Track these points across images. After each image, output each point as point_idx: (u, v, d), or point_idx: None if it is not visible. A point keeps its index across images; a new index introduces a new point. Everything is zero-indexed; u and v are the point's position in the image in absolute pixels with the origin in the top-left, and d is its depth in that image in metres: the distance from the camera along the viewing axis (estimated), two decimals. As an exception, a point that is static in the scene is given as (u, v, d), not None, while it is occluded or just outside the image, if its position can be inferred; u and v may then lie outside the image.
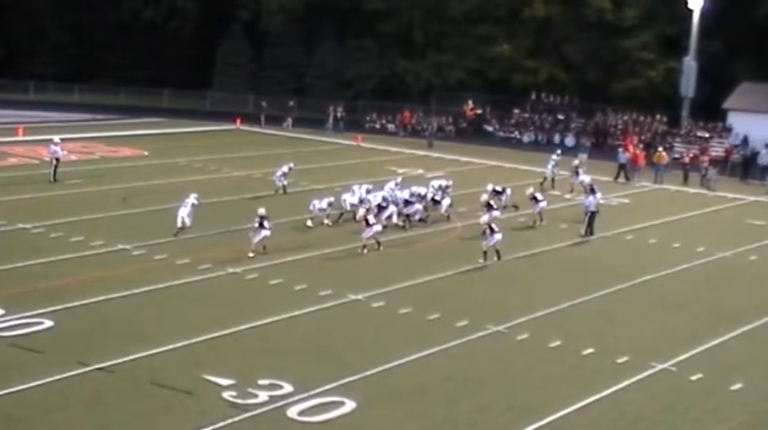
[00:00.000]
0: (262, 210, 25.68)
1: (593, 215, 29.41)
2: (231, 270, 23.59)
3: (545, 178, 37.38)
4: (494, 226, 25.60)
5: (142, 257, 24.47)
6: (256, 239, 25.07)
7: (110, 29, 62.68)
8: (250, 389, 16.34)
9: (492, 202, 29.67)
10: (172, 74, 59.83)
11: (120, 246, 25.28)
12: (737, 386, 17.76)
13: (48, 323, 19.16)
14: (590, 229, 29.36)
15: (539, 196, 31.02)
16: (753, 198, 38.58)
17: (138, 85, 58.43)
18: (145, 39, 62.31)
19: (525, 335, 19.94)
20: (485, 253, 25.43)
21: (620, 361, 18.69)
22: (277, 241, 26.73)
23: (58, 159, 34.43)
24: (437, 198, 30.86)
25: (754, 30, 50.96)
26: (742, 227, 32.69)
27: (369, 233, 26.53)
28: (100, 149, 42.07)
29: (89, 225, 27.46)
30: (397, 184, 31.30)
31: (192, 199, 27.34)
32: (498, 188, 31.87)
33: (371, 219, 26.89)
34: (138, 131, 48.39)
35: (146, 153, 41.79)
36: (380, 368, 17.63)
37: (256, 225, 25.11)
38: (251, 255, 24.75)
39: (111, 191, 32.97)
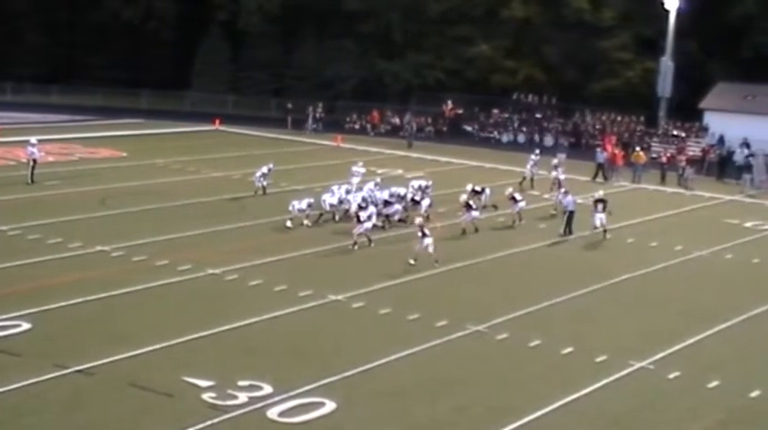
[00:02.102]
0: (419, 220, 25.83)
1: (571, 214, 29.57)
2: (211, 271, 23.53)
3: (524, 178, 37.54)
4: (426, 230, 24.99)
5: (121, 259, 24.36)
6: (419, 247, 24.76)
7: (88, 30, 62.39)
8: (230, 391, 16.32)
9: (471, 203, 29.76)
10: (150, 74, 59.62)
11: (99, 248, 25.16)
12: (714, 384, 17.91)
13: (25, 325, 19.03)
14: (568, 229, 29.51)
15: (517, 196, 31.14)
16: (729, 197, 38.90)
17: (116, 85, 58.13)
18: (123, 40, 62.07)
19: (505, 335, 20.02)
20: (430, 255, 24.81)
21: (598, 360, 18.81)
22: (256, 242, 26.72)
23: (35, 160, 34.21)
24: (417, 198, 30.93)
25: (729, 30, 51.45)
26: (718, 226, 32.96)
27: (360, 229, 26.59)
28: (78, 150, 41.84)
29: (67, 227, 27.32)
30: (376, 185, 31.34)
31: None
32: (478, 188, 31.98)
33: (363, 215, 26.97)
34: (116, 132, 48.15)
35: (124, 154, 41.61)
36: (361, 368, 17.65)
37: (419, 235, 24.84)
38: (412, 262, 24.64)
39: (90, 192, 32.80)
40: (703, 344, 20.33)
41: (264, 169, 33.54)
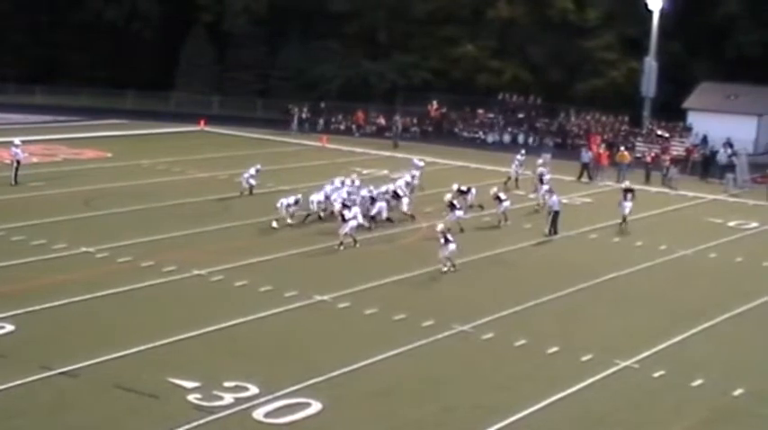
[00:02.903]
0: (441, 227, 25.37)
1: (556, 214, 29.68)
2: (196, 272, 23.48)
3: (509, 178, 37.62)
4: (449, 235, 24.84)
5: (106, 260, 24.28)
6: (443, 254, 24.49)
7: (71, 30, 62.01)
8: (215, 392, 16.30)
9: (455, 202, 29.81)
10: (135, 75, 59.39)
11: (84, 249, 25.07)
12: (698, 382, 18.02)
13: (9, 327, 18.94)
14: (554, 229, 29.62)
15: (502, 196, 31.21)
16: (712, 196, 39.11)
17: (100, 86, 57.85)
18: (107, 40, 61.76)
19: (491, 335, 20.07)
20: (449, 260, 24.76)
21: (584, 359, 18.88)
22: (242, 242, 26.68)
23: (18, 161, 34.04)
24: (399, 192, 30.91)
25: (712, 31, 51.74)
26: (702, 225, 33.14)
27: (345, 229, 26.59)
28: (62, 151, 41.66)
29: (51, 228, 27.19)
30: (353, 182, 31.42)
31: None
32: (464, 188, 32.04)
33: (347, 214, 26.95)
34: (101, 133, 47.96)
35: (109, 155, 41.46)
36: (347, 369, 17.66)
37: (442, 241, 24.53)
38: (444, 269, 24.41)
39: (74, 193, 32.66)
40: (687, 342, 20.44)
41: (252, 170, 33.50)
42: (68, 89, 57.69)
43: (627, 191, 32.05)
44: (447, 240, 24.54)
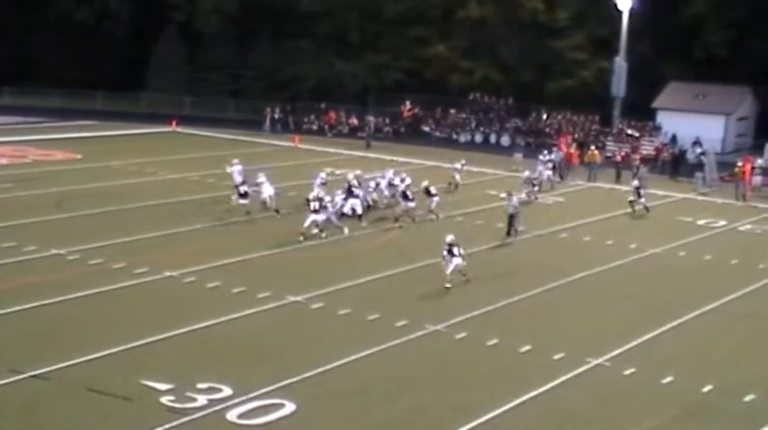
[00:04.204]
0: (450, 238, 23.82)
1: (512, 217, 29.27)
2: (168, 273, 23.39)
3: (450, 183, 36.95)
4: (454, 249, 23.64)
5: (77, 262, 24.12)
6: (449, 269, 23.50)
7: (41, 31, 61.44)
8: (189, 394, 16.25)
9: (432, 189, 30.43)
10: (105, 76, 58.94)
11: (54, 251, 24.88)
12: (668, 379, 18.21)
13: (-20, 331, 18.80)
14: (513, 229, 29.21)
15: (432, 190, 31.25)
16: (682, 195, 39.49)
17: (70, 87, 57.40)
18: (77, 40, 61.23)
19: (464, 334, 20.17)
20: (460, 273, 23.73)
21: (556, 357, 19.02)
22: (214, 244, 26.60)
23: (-13, 163, 33.76)
24: (408, 194, 30.68)
25: (681, 31, 52.25)
26: (672, 223, 33.46)
27: (309, 221, 27.18)
28: (32, 153, 41.29)
29: (21, 230, 26.95)
30: (322, 179, 31.60)
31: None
32: (432, 190, 31.82)
33: (313, 205, 27.28)
34: (71, 134, 47.57)
35: (79, 156, 41.14)
36: (320, 369, 17.68)
37: (446, 253, 23.47)
38: (448, 285, 23.26)
39: (44, 195, 32.39)
40: (658, 340, 20.66)
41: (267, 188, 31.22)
42: (38, 90, 57.15)
43: (637, 188, 34.38)
44: (452, 253, 23.43)
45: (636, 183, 35.45)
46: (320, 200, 28.01)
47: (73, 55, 61.07)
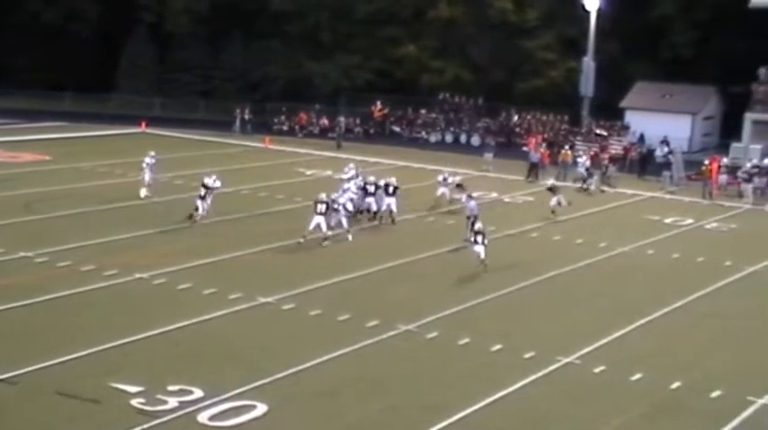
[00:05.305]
0: (479, 226, 25.70)
1: (475, 218, 29.07)
2: (138, 275, 23.27)
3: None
4: (478, 238, 25.14)
5: (45, 265, 23.93)
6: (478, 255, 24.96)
7: (7, 31, 60.75)
8: (159, 396, 16.19)
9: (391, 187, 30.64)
10: (74, 76, 58.38)
11: (22, 254, 24.66)
12: (637, 376, 18.40)
13: (-53, 335, 18.61)
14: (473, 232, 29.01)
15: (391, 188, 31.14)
16: (650, 194, 39.86)
17: (38, 88, 56.83)
18: (45, 41, 60.62)
19: (435, 334, 20.25)
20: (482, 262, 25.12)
21: (527, 356, 19.16)
22: (185, 245, 26.50)
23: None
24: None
25: (648, 31, 52.73)
26: (640, 222, 33.77)
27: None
28: (0, 155, 40.93)
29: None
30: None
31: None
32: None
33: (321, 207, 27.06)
34: (39, 136, 47.06)
35: (48, 158, 40.78)
36: (292, 370, 17.68)
37: (471, 240, 24.90)
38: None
39: (13, 197, 32.07)
40: (627, 338, 20.86)
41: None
42: (5, 91, 56.49)
43: (551, 189, 33.34)
44: (476, 241, 25.09)
45: (551, 182, 34.59)
46: (330, 202, 27.81)
47: (41, 56, 60.40)
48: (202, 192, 29.31)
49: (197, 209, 29.03)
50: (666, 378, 18.37)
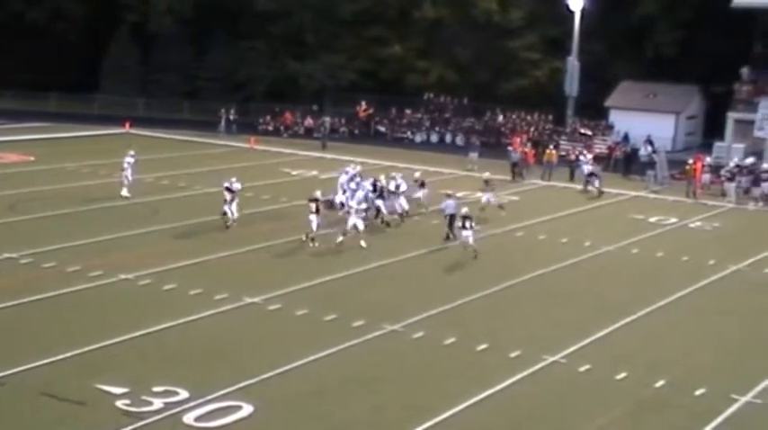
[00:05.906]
0: (465, 210, 26.46)
1: (452, 218, 28.86)
2: (123, 276, 23.21)
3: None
4: (467, 223, 26.19)
5: (30, 266, 23.83)
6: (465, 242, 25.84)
7: (-8, 32, 60.46)
8: (144, 397, 16.17)
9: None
10: (58, 77, 58.07)
11: (7, 255, 24.56)
12: (622, 375, 18.51)
13: (-69, 337, 18.52)
14: (451, 233, 28.74)
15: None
16: (634, 193, 40.01)
17: (22, 88, 56.55)
18: (29, 41, 60.32)
19: (421, 334, 20.29)
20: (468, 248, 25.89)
21: (512, 355, 19.23)
22: (170, 246, 26.46)
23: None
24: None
25: (632, 31, 52.96)
26: (624, 221, 33.92)
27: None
28: (-18, 155, 40.69)
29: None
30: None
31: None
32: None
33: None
34: (23, 136, 46.85)
35: (32, 158, 40.61)
36: (278, 370, 17.69)
37: (459, 225, 25.59)
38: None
39: (-4, 198, 31.97)
40: (612, 336, 20.97)
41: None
42: (-12, 92, 56.29)
43: (486, 182, 33.08)
44: (464, 227, 26.00)
45: (486, 175, 33.79)
46: (341, 204, 27.89)
47: (25, 56, 60.12)
48: (228, 196, 29.01)
49: (225, 213, 28.86)
50: (651, 376, 18.48)
